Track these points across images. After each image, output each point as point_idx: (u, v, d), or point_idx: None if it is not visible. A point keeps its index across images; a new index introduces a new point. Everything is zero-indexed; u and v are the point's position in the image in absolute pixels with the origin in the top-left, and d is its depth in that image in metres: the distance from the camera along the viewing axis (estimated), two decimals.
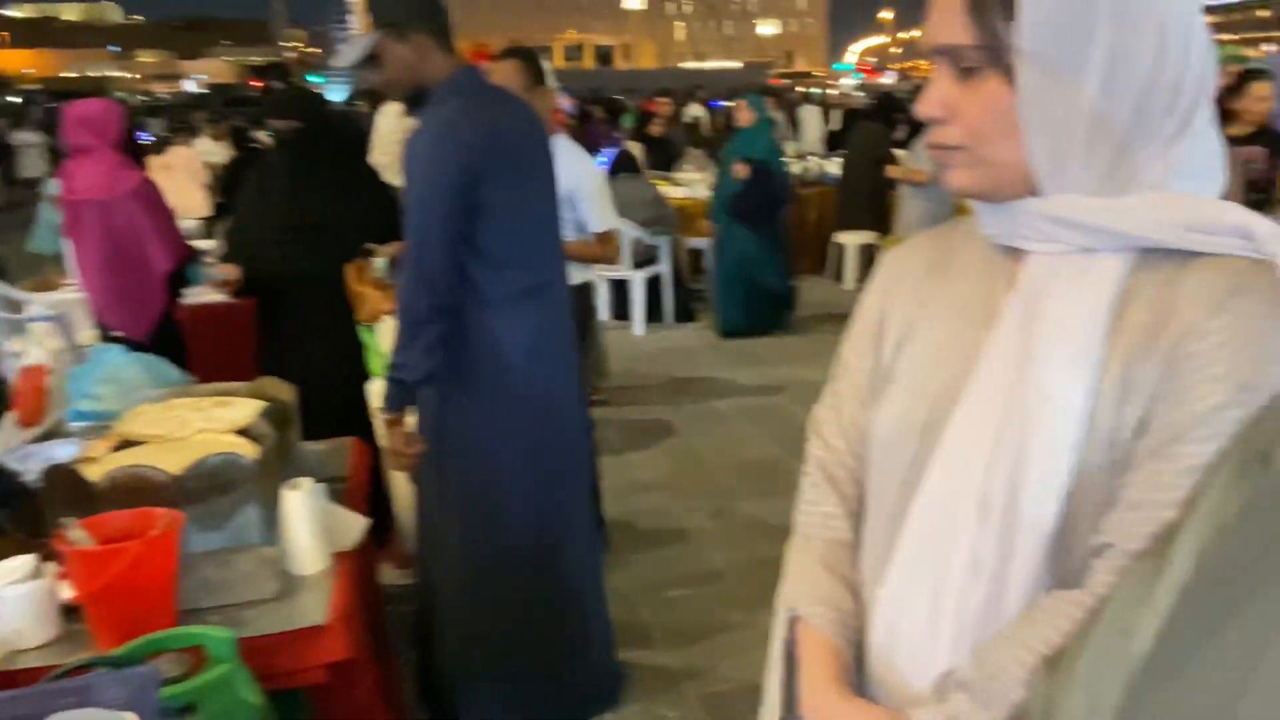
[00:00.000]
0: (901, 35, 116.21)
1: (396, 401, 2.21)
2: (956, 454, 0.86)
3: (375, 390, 3.24)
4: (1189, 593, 0.55)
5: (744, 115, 6.14)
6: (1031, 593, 0.82)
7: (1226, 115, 4.23)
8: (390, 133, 3.86)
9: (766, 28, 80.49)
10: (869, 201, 7.07)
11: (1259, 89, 4.35)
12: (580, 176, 3.03)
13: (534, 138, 2.33)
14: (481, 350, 2.25)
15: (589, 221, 3.09)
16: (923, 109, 0.84)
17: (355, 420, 2.87)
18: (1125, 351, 0.79)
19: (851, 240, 7.32)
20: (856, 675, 0.95)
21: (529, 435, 2.34)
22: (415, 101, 2.28)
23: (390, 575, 2.98)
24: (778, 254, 6.19)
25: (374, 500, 2.65)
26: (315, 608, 1.73)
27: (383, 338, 3.09)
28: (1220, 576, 0.53)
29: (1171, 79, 0.77)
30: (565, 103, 7.93)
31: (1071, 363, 0.80)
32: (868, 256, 7.53)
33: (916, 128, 6.55)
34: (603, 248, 3.15)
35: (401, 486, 2.87)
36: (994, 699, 0.80)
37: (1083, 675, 0.61)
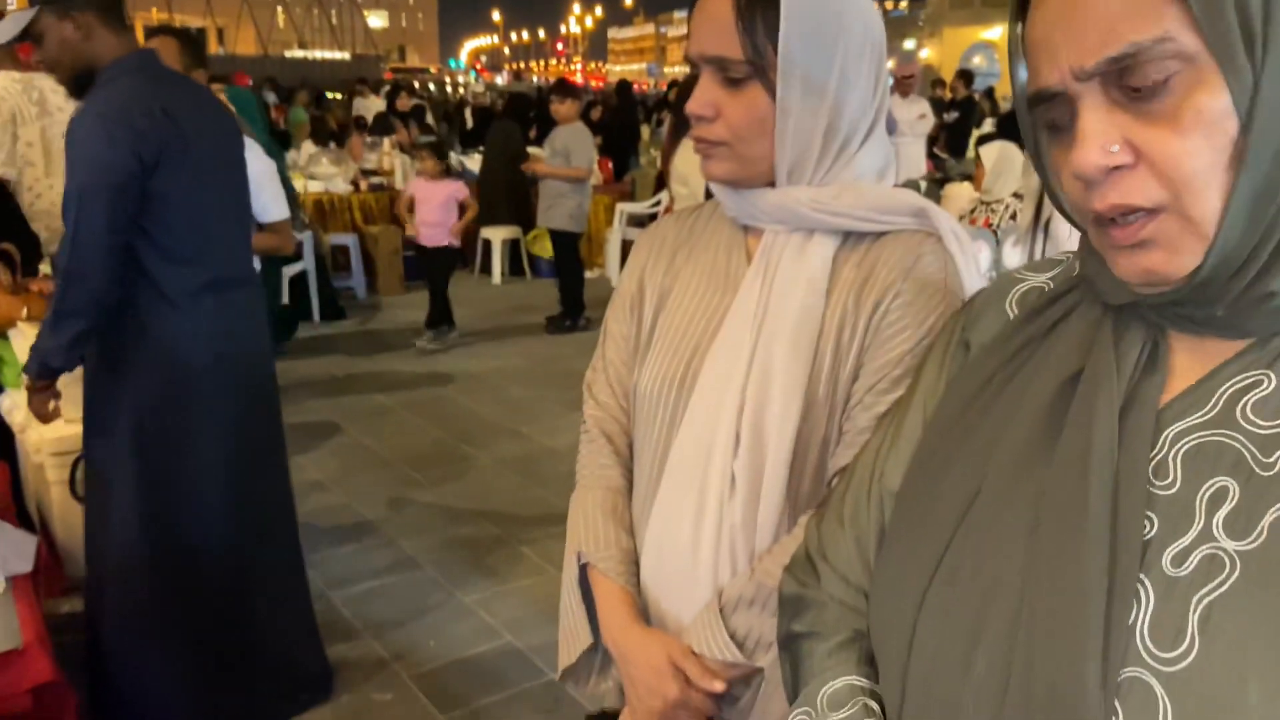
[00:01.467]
0: (512, 37, 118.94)
1: (41, 372, 2.09)
2: (710, 398, 1.05)
3: (9, 404, 2.87)
4: (923, 442, 0.76)
5: None
6: (779, 503, 1.02)
7: None
8: None
9: (375, 20, 78.41)
10: (509, 197, 7.31)
11: None
12: (248, 164, 2.89)
13: (217, 126, 2.23)
14: (164, 348, 2.13)
15: (259, 211, 2.96)
16: (692, 108, 1.02)
17: None
18: (841, 307, 1.02)
19: (497, 235, 7.52)
20: (642, 600, 1.12)
21: (220, 440, 2.24)
22: (80, 85, 2.10)
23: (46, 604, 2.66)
24: (275, 268, 5.57)
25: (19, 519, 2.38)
26: (5, 632, 1.59)
27: (17, 346, 2.75)
28: (942, 428, 0.75)
29: (877, 99, 1.02)
30: None
31: (799, 318, 1.02)
32: (514, 250, 7.78)
33: (547, 127, 6.86)
34: (276, 238, 3.04)
35: (61, 504, 2.57)
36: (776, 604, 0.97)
37: (849, 514, 0.81)
